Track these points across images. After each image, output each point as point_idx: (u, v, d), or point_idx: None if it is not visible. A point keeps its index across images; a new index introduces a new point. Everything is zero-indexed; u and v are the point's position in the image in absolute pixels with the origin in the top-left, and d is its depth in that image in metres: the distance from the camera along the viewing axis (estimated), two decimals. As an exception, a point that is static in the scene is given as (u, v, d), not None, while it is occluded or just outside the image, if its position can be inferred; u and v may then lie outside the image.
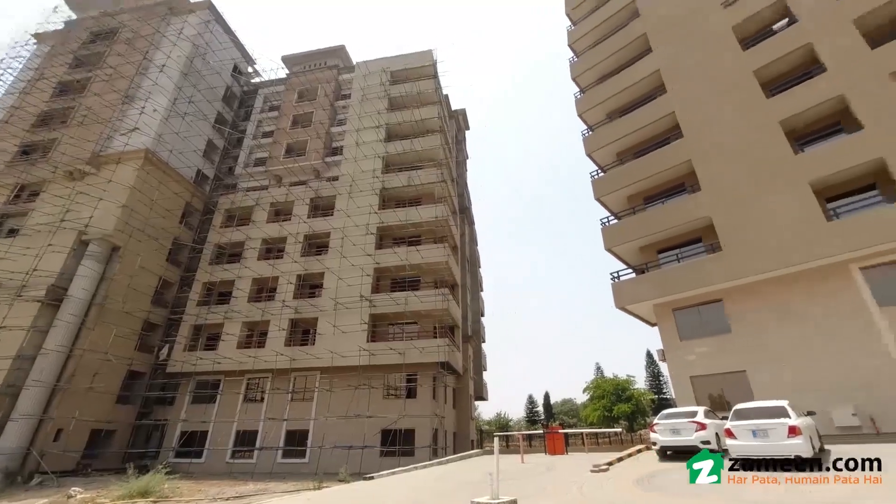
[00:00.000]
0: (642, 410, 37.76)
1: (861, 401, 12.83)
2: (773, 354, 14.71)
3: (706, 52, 19.51)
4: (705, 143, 18.02)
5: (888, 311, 13.14)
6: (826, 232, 14.13)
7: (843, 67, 15.55)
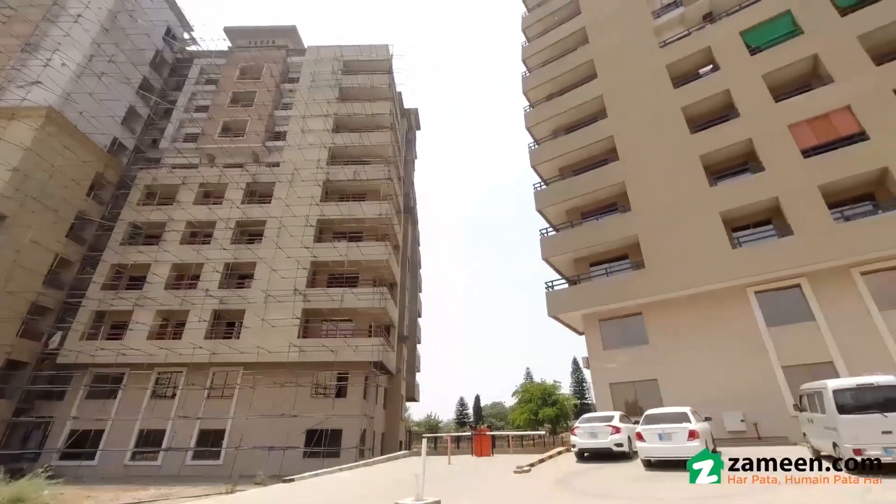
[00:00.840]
0: (566, 414, 39.89)
1: (748, 409, 14.56)
2: (680, 365, 16.24)
3: (644, 84, 21.15)
4: (638, 167, 19.51)
5: (774, 331, 15.08)
6: (729, 258, 15.92)
7: (751, 115, 17.65)
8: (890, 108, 15.02)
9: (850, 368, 13.20)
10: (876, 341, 13.49)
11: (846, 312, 14.19)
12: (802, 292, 15.08)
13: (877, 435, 7.51)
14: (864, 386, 8.07)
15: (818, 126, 16.16)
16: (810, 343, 14.40)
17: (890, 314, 13.60)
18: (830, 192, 15.24)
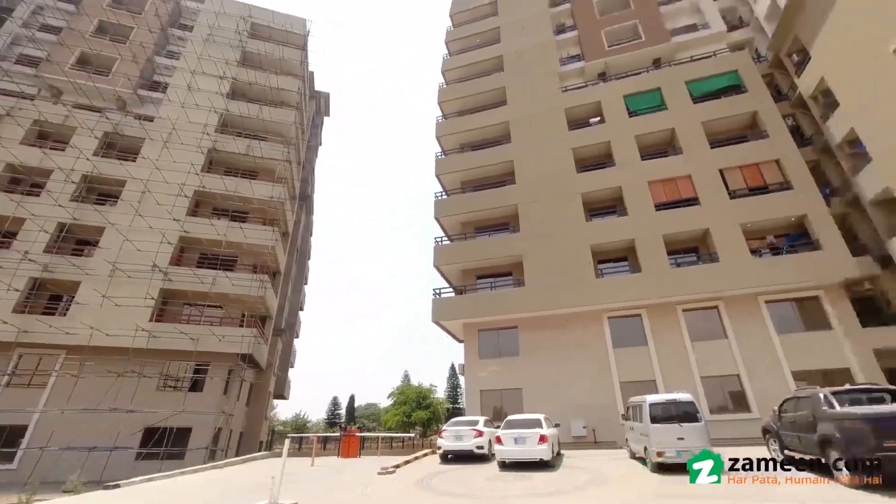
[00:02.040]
0: (438, 418, 41.23)
1: (590, 417, 16.83)
2: (543, 377, 18.08)
3: (545, 120, 23.33)
4: (531, 194, 21.35)
5: (618, 352, 17.76)
6: (593, 286, 18.34)
7: (624, 167, 20.69)
8: (715, 183, 18.94)
9: (666, 386, 16.15)
10: (686, 365, 16.77)
11: (669, 341, 17.37)
12: (642, 321, 18.04)
13: (674, 440, 9.32)
14: (669, 401, 9.95)
15: (668, 186, 19.63)
16: (642, 364, 17.28)
17: (697, 344, 17.04)
18: (670, 241, 18.57)
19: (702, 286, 17.19)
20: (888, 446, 6.30)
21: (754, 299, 17.07)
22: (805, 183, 17.84)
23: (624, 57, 24.41)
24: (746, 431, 13.75)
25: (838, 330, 15.91)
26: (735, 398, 16.15)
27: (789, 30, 20.18)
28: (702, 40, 23.79)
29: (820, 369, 15.61)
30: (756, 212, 17.86)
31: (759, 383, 15.77)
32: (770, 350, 16.23)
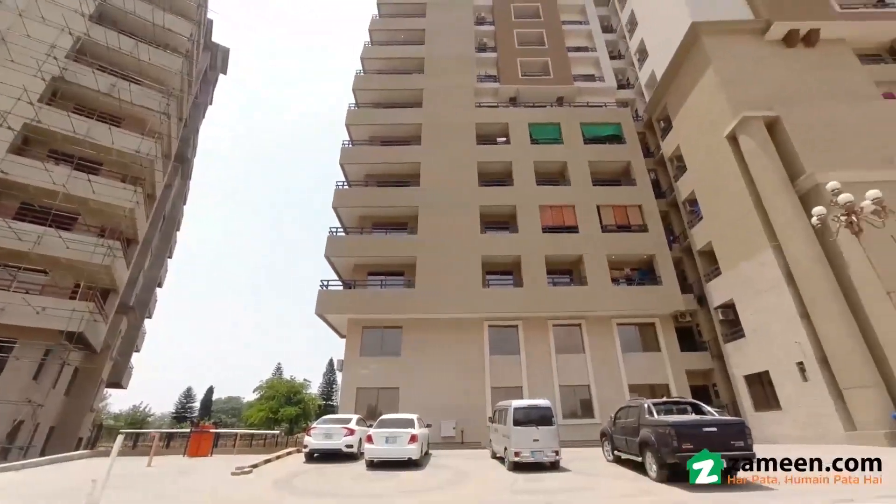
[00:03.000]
0: (308, 415, 39.16)
1: (461, 418, 17.62)
2: (421, 378, 18.42)
3: (456, 131, 24.05)
4: (433, 198, 21.73)
5: (493, 358, 18.98)
6: (479, 295, 19.35)
7: (520, 188, 22.35)
8: (592, 216, 21.54)
9: (530, 393, 17.73)
10: (549, 374, 18.64)
11: (538, 352, 19.13)
12: (517, 332, 19.57)
13: (530, 442, 10.23)
14: (531, 406, 10.91)
15: (555, 212, 21.75)
16: (513, 371, 18.72)
17: (560, 356, 19.07)
18: (550, 262, 20.54)
19: (571, 305, 19.36)
20: (685, 448, 7.76)
21: (609, 321, 19.77)
22: (657, 228, 21.34)
23: (534, 88, 26.51)
24: (591, 435, 15.71)
25: (665, 352, 19.27)
26: (584, 405, 18.45)
27: (660, 101, 24.08)
28: (597, 91, 27.05)
29: (648, 383, 18.70)
30: (620, 246, 20.77)
31: (603, 393, 18.26)
32: (615, 365, 18.94)
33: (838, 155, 15.92)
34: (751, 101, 17.89)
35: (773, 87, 18.32)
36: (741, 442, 7.82)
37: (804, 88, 18.25)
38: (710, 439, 7.85)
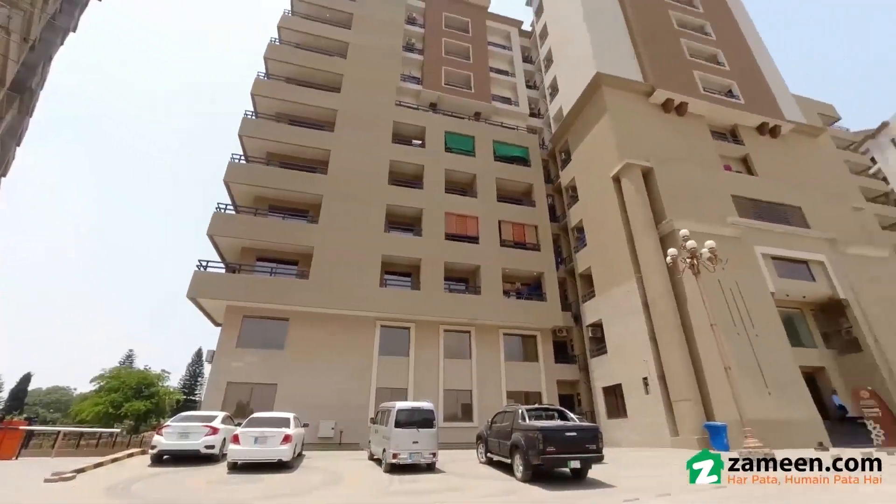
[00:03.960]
0: (161, 411, 34.15)
1: (342, 419, 17.00)
2: (304, 374, 17.39)
3: (372, 125, 23.50)
4: (340, 190, 20.86)
5: (382, 359, 18.75)
6: (376, 294, 19.03)
7: (429, 192, 22.65)
8: (493, 230, 22.73)
9: (415, 395, 17.88)
10: (435, 378, 19.04)
11: (427, 355, 19.43)
12: (409, 334, 19.65)
13: (410, 444, 10.28)
14: (415, 408, 10.99)
15: (459, 221, 22.47)
16: (400, 373, 18.71)
17: (448, 361, 19.62)
18: (449, 269, 21.12)
19: (464, 313, 20.09)
20: (549, 451, 8.50)
21: (496, 331, 20.96)
22: (548, 249, 23.34)
23: (455, 99, 27.23)
24: (469, 437, 16.31)
25: (542, 363, 21.06)
26: (465, 409, 19.20)
27: (563, 135, 26.57)
28: (511, 113, 28.83)
29: (524, 391, 20.22)
30: (514, 262, 22.22)
31: (484, 398, 19.22)
32: (497, 373, 20.11)
33: (690, 208, 19.19)
34: (633, 151, 20.68)
35: (651, 142, 21.42)
36: (594, 445, 8.81)
37: (672, 149, 21.69)
38: (571, 443, 8.71)
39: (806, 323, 19.99)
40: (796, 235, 20.10)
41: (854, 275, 19.63)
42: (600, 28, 25.33)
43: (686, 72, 25.12)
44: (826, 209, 22.27)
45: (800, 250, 19.59)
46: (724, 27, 29.12)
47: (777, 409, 15.07)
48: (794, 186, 22.62)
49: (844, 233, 21.30)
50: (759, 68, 27.83)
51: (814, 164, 25.28)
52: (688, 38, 27.07)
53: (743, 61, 27.66)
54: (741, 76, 26.55)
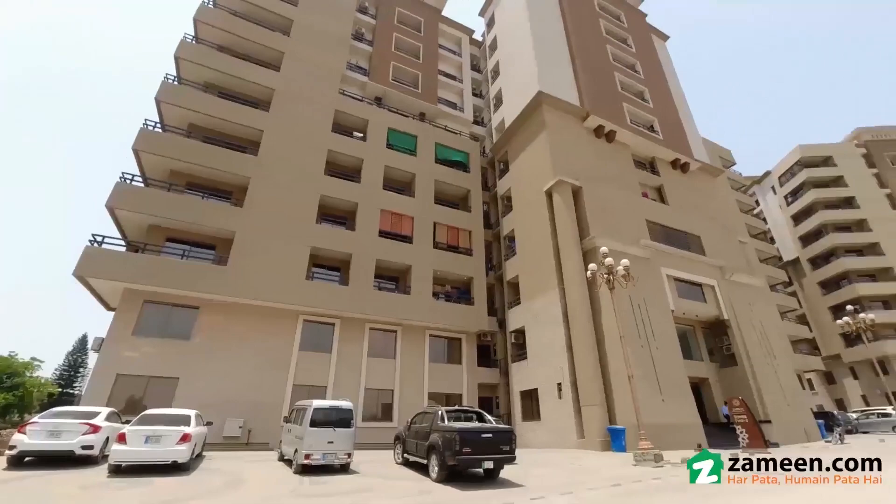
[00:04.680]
0: (28, 405, 29.36)
1: (252, 417, 15.86)
2: (213, 368, 15.96)
3: (312, 111, 22.39)
4: (270, 173, 19.58)
5: (302, 354, 17.85)
6: (301, 287, 18.10)
7: (366, 187, 22.08)
8: (427, 231, 22.76)
9: (334, 393, 17.24)
10: (357, 376, 18.55)
11: (350, 352, 18.87)
12: (334, 330, 18.94)
13: (324, 444, 9.87)
14: (333, 407, 10.59)
15: (395, 219, 22.19)
16: (321, 370, 17.94)
17: (372, 360, 19.22)
18: (380, 266, 20.76)
19: (392, 312, 19.82)
20: (465, 452, 8.63)
21: (423, 331, 20.96)
22: (480, 255, 23.89)
23: (401, 96, 26.92)
24: (388, 438, 16.05)
25: (465, 366, 21.43)
26: (385, 409, 18.91)
27: (504, 146, 27.48)
28: (456, 118, 29.20)
29: (446, 392, 20.42)
30: (446, 264, 22.42)
31: (405, 399, 19.09)
32: (420, 373, 20.10)
33: (611, 228, 20.78)
34: (566, 169, 21.94)
35: (581, 163, 22.89)
36: (508, 447, 9.11)
37: (600, 172, 23.37)
38: (486, 444, 8.93)
39: (696, 338, 22.54)
40: (695, 261, 22.64)
41: (735, 299, 22.56)
42: (546, 51, 26.63)
43: (617, 103, 27.28)
44: (719, 240, 25.41)
45: (696, 274, 22.09)
46: (651, 68, 32.12)
47: (668, 414, 16.77)
48: (696, 218, 25.52)
49: (731, 262, 24.45)
50: (676, 110, 31.10)
51: (712, 201, 28.75)
52: (621, 72, 29.43)
53: (664, 101, 30.71)
54: (662, 114, 29.43)
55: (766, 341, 22.37)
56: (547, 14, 29.15)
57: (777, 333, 23.98)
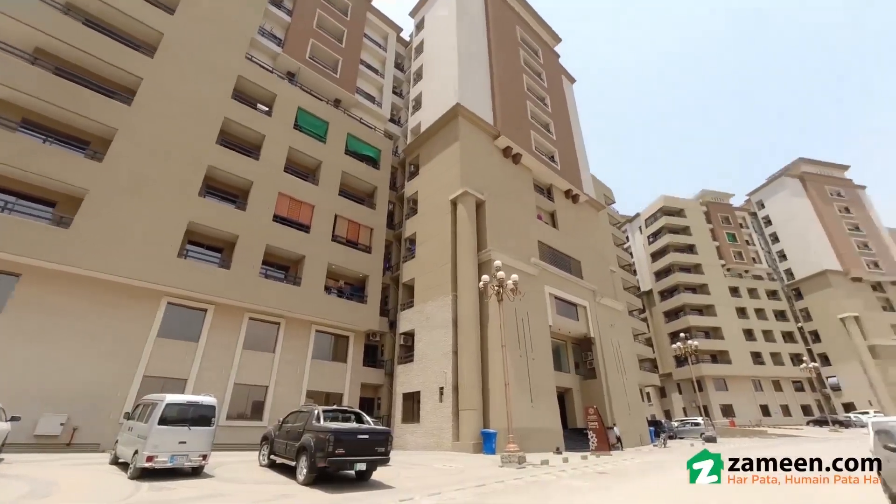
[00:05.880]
0: None
1: (82, 412, 13.17)
2: (27, 351, 12.92)
3: (212, 69, 19.83)
4: (146, 129, 16.79)
5: (160, 341, 15.44)
6: (170, 263, 15.73)
7: (265, 166, 20.24)
8: (328, 223, 21.69)
9: (197, 387, 15.28)
10: (227, 370, 16.70)
11: (222, 343, 16.93)
12: (205, 316, 16.84)
13: (175, 445, 8.64)
14: (192, 403, 9.34)
15: (293, 205, 20.71)
16: (182, 360, 15.74)
17: (248, 353, 17.50)
18: (270, 253, 19.17)
19: (279, 302, 18.34)
20: (338, 453, 8.27)
21: (309, 326, 19.80)
22: (379, 253, 23.50)
23: (316, 77, 25.41)
24: (255, 438, 14.68)
25: (349, 364, 20.73)
26: (255, 407, 17.31)
27: (416, 149, 27.62)
28: (372, 112, 28.52)
29: (326, 391, 19.49)
30: (343, 259, 21.56)
31: (280, 396, 17.71)
32: (301, 370, 18.89)
33: (506, 243, 22.11)
34: (473, 181, 22.83)
35: (488, 178, 24.04)
36: (383, 448, 8.96)
37: (503, 189, 24.81)
38: (361, 446, 8.67)
39: (567, 352, 25.04)
40: (574, 283, 25.21)
41: (601, 320, 25.64)
42: (468, 67, 27.55)
43: (526, 129, 29.35)
44: (595, 267, 28.71)
45: (574, 295, 24.60)
46: (558, 104, 35.30)
47: (536, 419, 18.23)
48: (579, 245, 28.50)
49: (602, 287, 27.78)
50: (574, 146, 34.58)
51: (593, 231, 32.48)
52: (532, 102, 31.78)
53: (566, 136, 33.94)
54: (562, 147, 32.45)
55: (620, 359, 25.80)
56: (474, 32, 30.28)
57: (629, 352, 27.87)
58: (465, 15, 30.07)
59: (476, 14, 31.42)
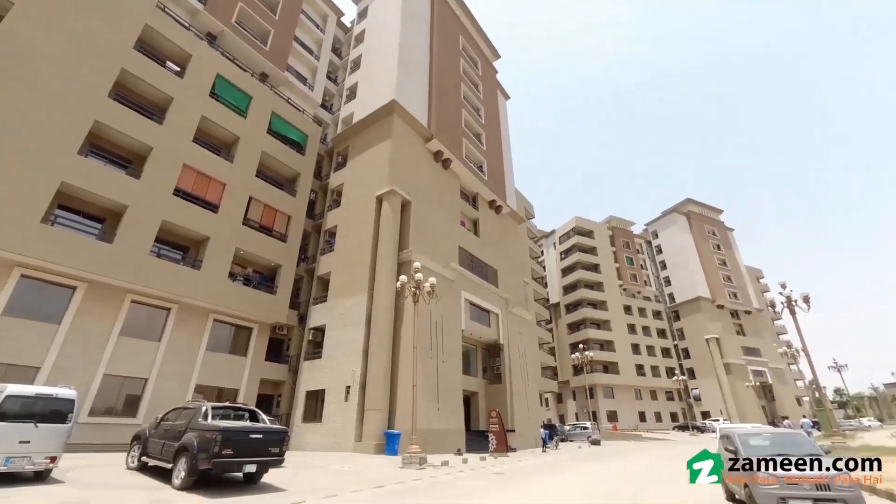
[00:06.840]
0: None
1: None
2: None
3: (114, 13, 17.22)
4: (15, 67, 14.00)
5: (8, 321, 12.84)
6: (32, 229, 13.24)
7: (170, 133, 18.00)
8: (240, 204, 19.98)
9: (52, 377, 12.98)
10: (96, 358, 14.45)
11: (93, 327, 14.63)
12: (72, 295, 14.43)
13: (13, 445, 7.25)
14: (42, 395, 7.93)
15: (200, 180, 18.73)
16: (35, 344, 13.27)
17: (125, 339, 15.33)
18: (166, 229, 17.10)
19: (171, 285, 16.37)
20: (225, 454, 7.54)
21: (206, 314, 17.98)
22: (295, 243, 22.20)
23: (243, 45, 23.38)
24: (126, 438, 12.89)
25: (249, 358, 19.20)
26: (129, 402, 15.24)
27: (346, 140, 26.70)
28: (302, 94, 26.99)
29: (219, 386, 17.83)
30: (254, 245, 19.99)
31: (161, 390, 15.74)
32: (191, 362, 17.04)
33: (427, 246, 22.22)
34: (401, 180, 22.61)
35: (416, 179, 24.00)
36: (277, 449, 8.38)
37: (430, 192, 24.95)
38: (253, 446, 8.02)
39: (476, 357, 25.82)
40: (489, 290, 26.13)
41: (511, 328, 26.90)
42: (408, 65, 27.31)
43: (458, 136, 29.90)
44: (510, 277, 30.10)
45: (488, 302, 25.49)
46: (491, 117, 36.53)
47: (440, 421, 18.47)
48: (497, 254, 29.67)
49: (514, 297, 29.20)
50: (502, 159, 36.02)
51: (512, 243, 34.06)
52: (467, 111, 32.52)
53: (495, 149, 35.20)
54: (491, 159, 33.60)
55: (525, 366, 27.28)
56: (417, 31, 30.16)
57: (534, 360, 29.62)
58: (411, 13, 29.86)
59: (422, 15, 31.35)
